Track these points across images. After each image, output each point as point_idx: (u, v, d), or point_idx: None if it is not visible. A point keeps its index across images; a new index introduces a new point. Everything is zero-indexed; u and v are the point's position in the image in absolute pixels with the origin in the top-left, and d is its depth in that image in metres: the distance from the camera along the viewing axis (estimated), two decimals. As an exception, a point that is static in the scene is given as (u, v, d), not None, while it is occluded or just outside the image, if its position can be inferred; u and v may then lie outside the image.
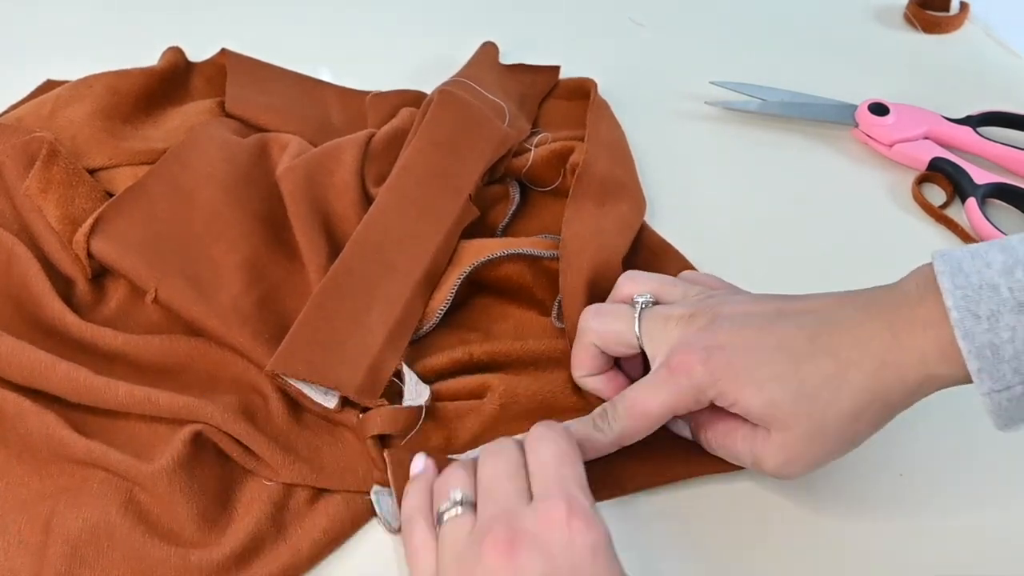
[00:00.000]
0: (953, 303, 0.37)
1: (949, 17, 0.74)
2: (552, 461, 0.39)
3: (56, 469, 0.44)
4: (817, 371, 0.39)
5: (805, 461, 0.41)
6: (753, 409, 0.40)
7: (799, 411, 0.39)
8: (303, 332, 0.47)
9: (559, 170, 0.57)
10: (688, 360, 0.41)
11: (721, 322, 0.42)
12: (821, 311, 0.41)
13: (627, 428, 0.42)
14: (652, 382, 0.43)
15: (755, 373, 0.40)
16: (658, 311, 0.44)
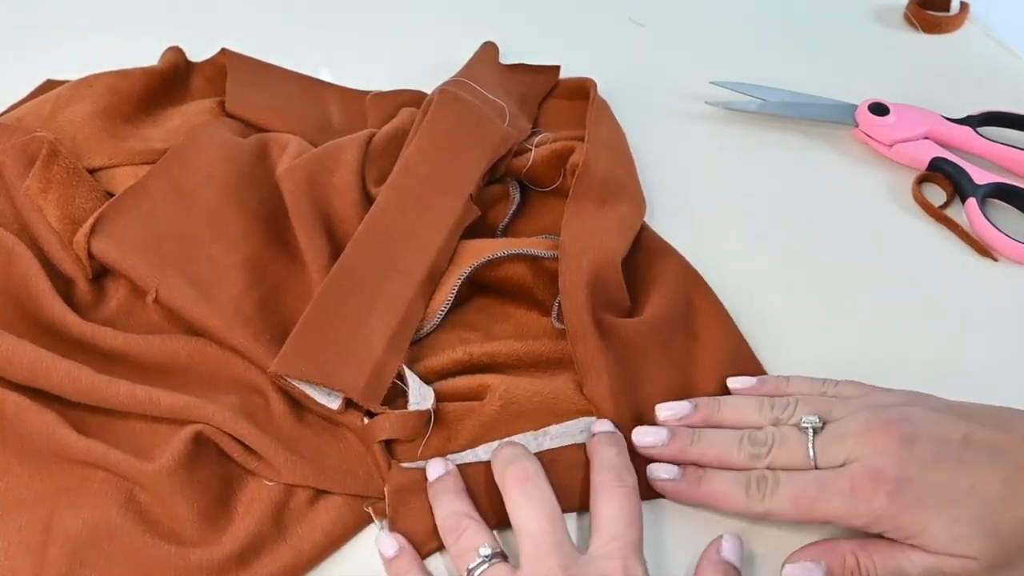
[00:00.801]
0: None
1: (949, 17, 0.74)
2: (620, 520, 0.40)
3: (56, 469, 0.44)
4: (1011, 516, 0.38)
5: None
6: (937, 546, 0.39)
7: (988, 548, 0.38)
8: (306, 333, 0.47)
9: (559, 170, 0.57)
10: (875, 487, 0.39)
11: (913, 450, 0.40)
12: (1014, 451, 0.40)
13: (779, 512, 0.41)
14: (826, 481, 0.40)
15: (944, 513, 0.39)
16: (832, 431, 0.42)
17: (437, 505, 0.43)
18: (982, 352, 0.52)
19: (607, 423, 0.45)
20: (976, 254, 0.57)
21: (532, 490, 0.41)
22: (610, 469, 0.43)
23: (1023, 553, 0.39)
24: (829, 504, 0.40)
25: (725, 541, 0.41)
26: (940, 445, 0.40)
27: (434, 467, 0.44)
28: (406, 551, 0.42)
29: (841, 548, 0.41)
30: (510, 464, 0.42)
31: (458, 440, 0.46)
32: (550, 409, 0.47)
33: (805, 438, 0.42)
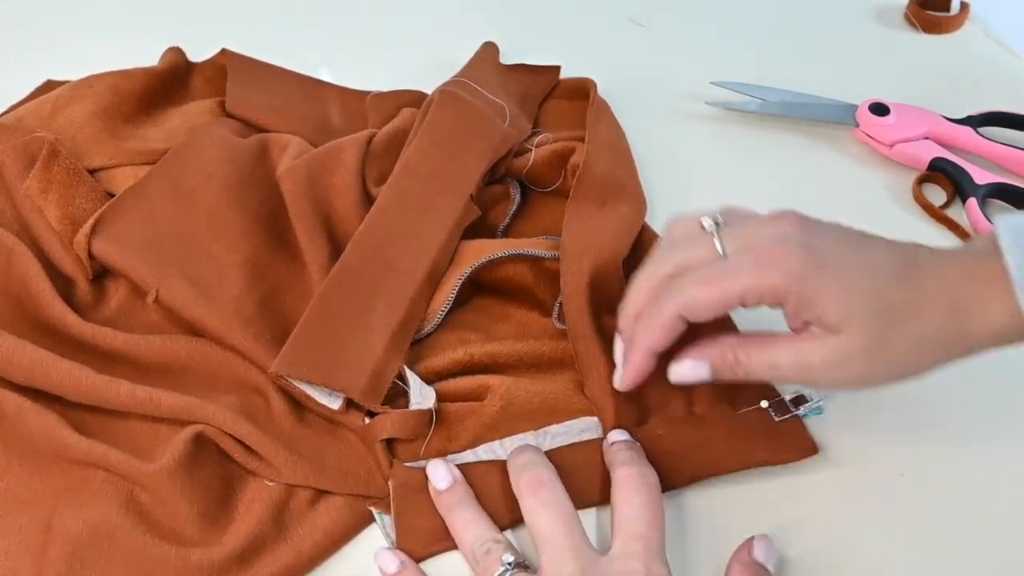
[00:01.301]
0: (1014, 262, 0.38)
1: (949, 17, 0.74)
2: (643, 518, 0.40)
3: (56, 469, 0.44)
4: (901, 294, 0.40)
5: (853, 371, 0.41)
6: (829, 310, 0.40)
7: (871, 324, 0.39)
8: (307, 334, 0.47)
9: (560, 170, 0.57)
10: (779, 250, 0.40)
11: (813, 227, 0.41)
12: (906, 247, 0.42)
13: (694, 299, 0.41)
14: (731, 263, 0.41)
15: (842, 279, 0.40)
16: (740, 224, 0.43)
17: (451, 518, 0.42)
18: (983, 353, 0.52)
19: (623, 433, 0.45)
20: (976, 254, 0.57)
21: (547, 495, 0.41)
22: (631, 465, 0.43)
23: (894, 332, 0.40)
24: (737, 276, 0.40)
25: (757, 542, 0.41)
26: (839, 231, 0.42)
27: (438, 473, 0.44)
28: (408, 566, 0.42)
29: (723, 344, 0.43)
30: (524, 471, 0.42)
31: (459, 440, 0.46)
32: (550, 409, 0.47)
33: (711, 236, 0.42)
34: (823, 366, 0.41)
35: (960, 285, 0.40)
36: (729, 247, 0.42)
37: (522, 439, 0.46)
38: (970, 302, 0.39)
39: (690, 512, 0.45)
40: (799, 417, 0.47)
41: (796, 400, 0.47)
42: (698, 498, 0.45)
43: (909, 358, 0.41)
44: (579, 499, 0.44)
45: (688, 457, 0.45)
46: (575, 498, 0.44)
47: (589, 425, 0.47)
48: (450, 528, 0.42)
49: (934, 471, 0.47)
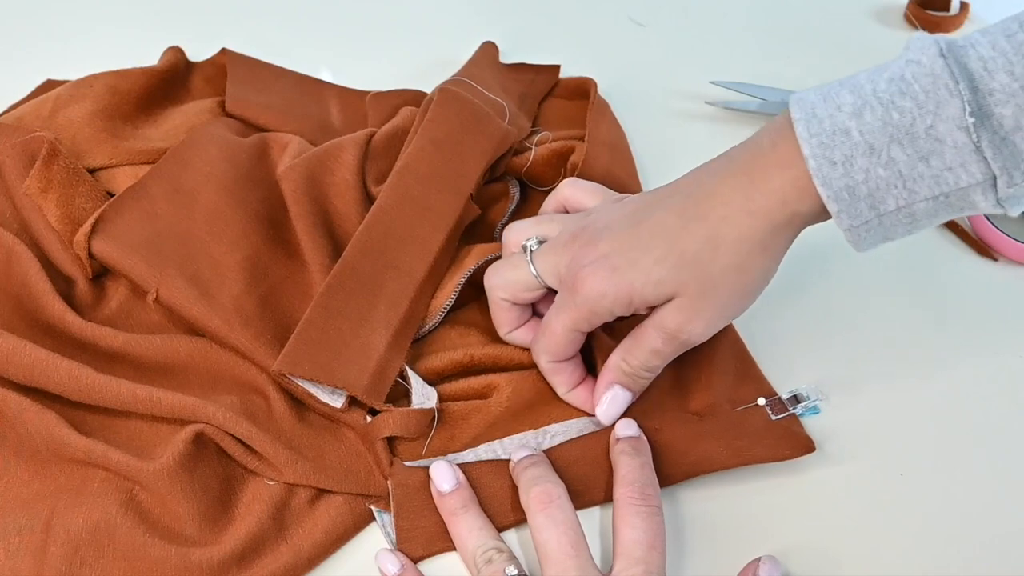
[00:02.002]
0: (810, 151, 0.39)
1: (949, 17, 0.74)
2: (643, 543, 0.40)
3: (56, 469, 0.44)
4: (692, 239, 0.42)
5: (704, 318, 0.43)
6: (648, 294, 0.42)
7: (685, 277, 0.41)
8: (309, 332, 0.47)
9: (559, 169, 0.57)
10: (581, 275, 0.43)
11: (600, 234, 0.44)
12: (685, 187, 0.43)
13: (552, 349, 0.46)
14: (558, 304, 0.45)
15: (639, 264, 0.42)
16: (546, 247, 0.46)
17: (453, 522, 0.42)
18: (982, 352, 0.52)
19: (631, 424, 0.45)
20: (976, 254, 0.57)
21: (555, 512, 0.41)
22: (633, 484, 0.42)
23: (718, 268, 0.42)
24: (562, 318, 0.44)
25: (763, 563, 0.41)
26: (623, 220, 0.44)
27: (442, 475, 0.43)
28: (408, 568, 0.42)
29: (612, 365, 0.46)
30: (534, 485, 0.42)
31: (461, 439, 0.46)
32: (551, 408, 0.47)
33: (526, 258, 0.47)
34: (678, 328, 0.43)
35: (749, 191, 0.41)
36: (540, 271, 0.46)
37: (522, 439, 0.46)
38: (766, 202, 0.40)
39: (689, 512, 0.45)
40: (796, 415, 0.47)
41: (793, 399, 0.47)
42: (697, 498, 0.45)
43: (744, 279, 0.42)
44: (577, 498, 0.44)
45: (685, 453, 0.45)
46: (572, 495, 0.44)
47: (588, 424, 0.47)
48: (452, 532, 0.42)
49: (934, 471, 0.47)
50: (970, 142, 0.37)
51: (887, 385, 0.50)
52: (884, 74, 0.39)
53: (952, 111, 0.37)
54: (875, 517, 0.45)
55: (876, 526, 0.45)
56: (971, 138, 0.36)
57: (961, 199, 0.38)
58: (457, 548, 0.42)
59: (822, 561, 0.43)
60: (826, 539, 0.44)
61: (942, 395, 0.50)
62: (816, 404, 0.47)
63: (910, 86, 0.38)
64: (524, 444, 0.46)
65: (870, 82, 0.39)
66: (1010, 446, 0.48)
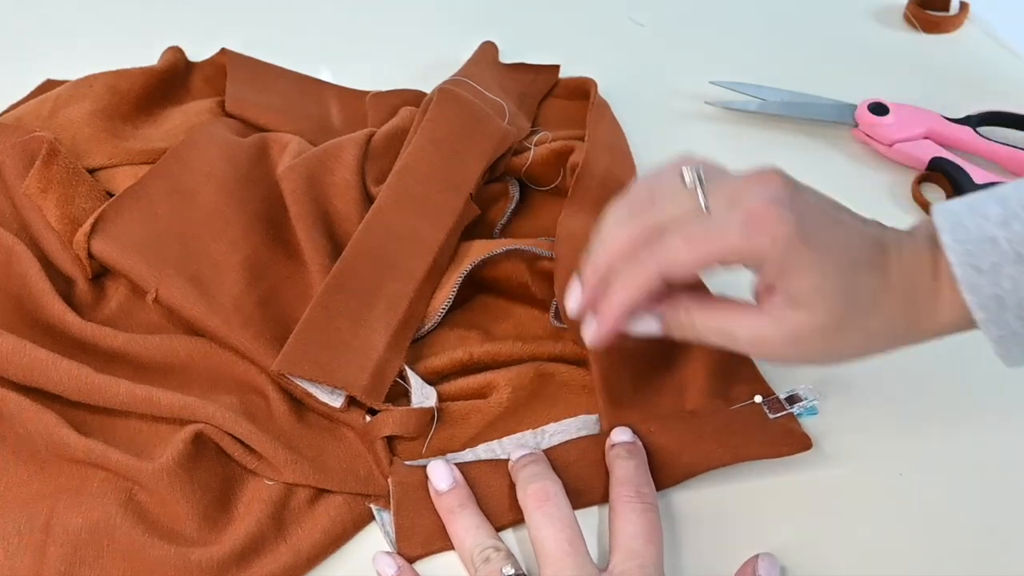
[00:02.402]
0: (956, 259, 0.38)
1: (949, 17, 0.74)
2: (639, 537, 0.41)
3: (56, 469, 0.44)
4: (867, 282, 0.39)
5: (807, 349, 0.40)
6: (801, 290, 0.39)
7: (836, 307, 0.39)
8: (308, 332, 0.47)
9: (558, 169, 0.57)
10: (775, 216, 0.38)
11: (799, 193, 0.40)
12: (879, 228, 0.41)
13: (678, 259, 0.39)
14: (720, 220, 0.39)
15: (822, 258, 0.39)
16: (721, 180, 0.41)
17: (451, 521, 0.42)
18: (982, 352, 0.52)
19: (626, 431, 0.45)
20: (976, 254, 0.57)
21: (552, 510, 0.41)
22: (628, 483, 0.43)
23: (855, 319, 0.40)
24: (725, 237, 0.38)
25: (762, 560, 0.41)
26: (820, 201, 0.41)
27: (439, 474, 0.44)
28: (405, 570, 0.42)
29: (677, 302, 0.42)
30: (531, 483, 0.42)
31: (460, 439, 0.46)
32: (551, 407, 0.47)
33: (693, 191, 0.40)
34: (779, 342, 0.40)
35: (914, 277, 0.40)
36: (713, 204, 0.40)
37: (520, 438, 0.46)
38: (923, 296, 0.40)
39: (685, 511, 0.45)
40: (793, 414, 0.47)
41: (790, 399, 0.47)
42: (694, 497, 0.45)
43: (861, 344, 0.41)
44: (576, 498, 0.44)
45: (681, 453, 0.45)
46: (571, 497, 0.44)
47: (587, 423, 0.47)
48: (449, 532, 0.42)
49: (933, 471, 0.47)
50: None
51: (886, 385, 0.50)
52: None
53: None
54: (874, 517, 0.45)
55: (875, 526, 0.45)
56: None
57: None
58: (455, 547, 0.42)
59: (821, 561, 0.43)
60: (825, 538, 0.44)
61: (941, 394, 0.50)
62: (814, 404, 0.47)
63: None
64: (523, 444, 0.46)
65: (1017, 193, 0.38)
66: (1010, 446, 0.48)
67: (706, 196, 0.40)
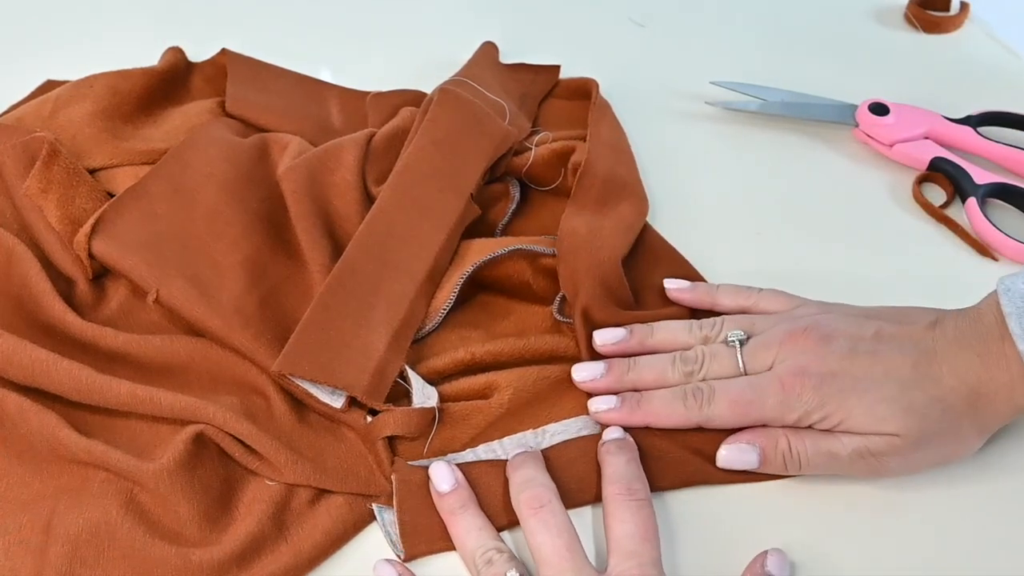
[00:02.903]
0: (1018, 334, 0.39)
1: (949, 17, 0.74)
2: (635, 535, 0.41)
3: (57, 469, 0.44)
4: (923, 394, 0.42)
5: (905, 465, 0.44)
6: (863, 426, 0.42)
7: (907, 421, 0.42)
8: (309, 332, 0.47)
9: (559, 170, 0.57)
10: (801, 382, 0.43)
11: (831, 347, 0.44)
12: (919, 340, 0.43)
13: (718, 418, 0.44)
14: (760, 384, 0.44)
15: (864, 398, 0.42)
16: (760, 343, 0.45)
17: (453, 522, 0.42)
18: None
19: (617, 429, 0.45)
20: (976, 254, 0.57)
21: (547, 516, 0.41)
22: (620, 481, 0.43)
23: (938, 428, 0.42)
24: (764, 405, 0.43)
25: (771, 556, 0.41)
26: (854, 342, 0.44)
27: (441, 475, 0.43)
28: None
29: (775, 432, 0.44)
30: (524, 489, 0.42)
31: (461, 439, 0.46)
32: (552, 406, 0.47)
33: (734, 351, 0.46)
34: (883, 455, 0.43)
35: (976, 372, 0.42)
36: (750, 365, 0.45)
37: (521, 438, 0.46)
38: (991, 387, 0.41)
39: (682, 512, 0.45)
40: None
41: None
42: (691, 498, 0.45)
43: (956, 440, 0.43)
44: (575, 496, 0.44)
45: (683, 462, 0.45)
46: (571, 495, 0.44)
47: (587, 423, 0.47)
48: (451, 533, 0.42)
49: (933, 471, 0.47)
50: None
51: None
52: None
53: None
54: (874, 517, 0.45)
55: (875, 526, 0.45)
56: None
57: None
58: (457, 548, 0.42)
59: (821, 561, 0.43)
60: (824, 538, 0.44)
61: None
62: None
63: None
64: (523, 444, 0.46)
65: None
66: (1010, 446, 0.48)
67: (743, 361, 0.45)
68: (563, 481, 0.44)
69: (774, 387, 0.43)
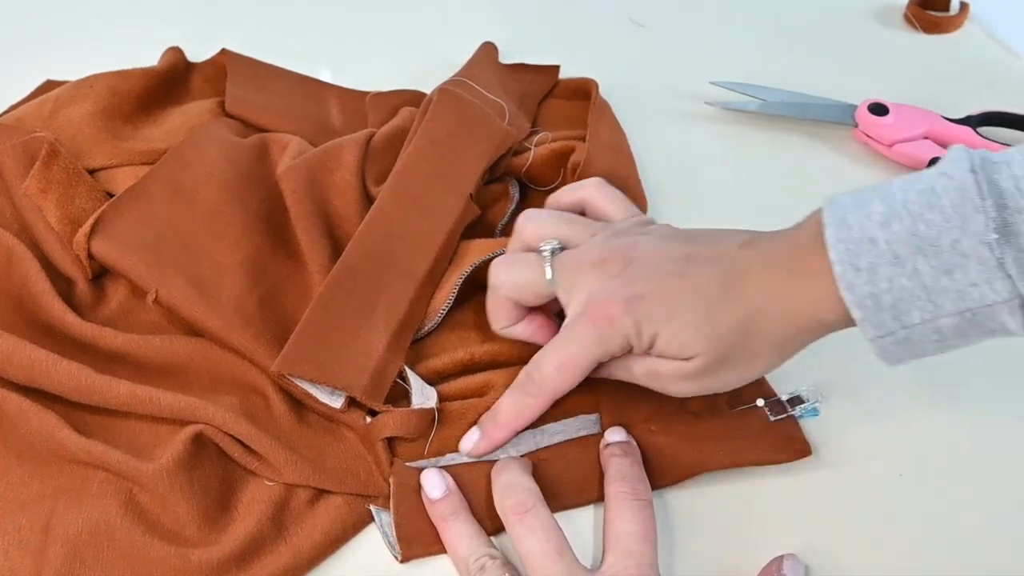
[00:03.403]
0: (836, 257, 0.39)
1: (949, 17, 0.74)
2: (635, 535, 0.41)
3: (56, 469, 0.44)
4: (729, 316, 0.41)
5: (700, 384, 0.43)
6: (669, 351, 0.42)
7: (708, 349, 0.42)
8: (308, 332, 0.47)
9: (559, 170, 0.57)
10: (610, 311, 0.42)
11: (636, 268, 0.43)
12: (730, 258, 0.43)
13: (559, 386, 0.44)
14: (576, 335, 0.44)
15: (673, 320, 0.42)
16: (569, 257, 0.45)
17: (445, 529, 0.42)
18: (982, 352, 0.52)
19: (620, 431, 0.45)
20: (976, 254, 0.57)
21: (533, 521, 0.41)
22: (624, 480, 0.43)
23: (736, 352, 0.42)
24: (585, 350, 0.43)
25: (787, 560, 0.41)
26: (663, 263, 0.43)
27: (432, 482, 0.43)
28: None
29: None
30: (508, 495, 0.42)
31: (458, 437, 0.46)
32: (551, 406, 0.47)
33: (543, 260, 0.46)
34: (671, 378, 0.43)
35: (787, 289, 0.41)
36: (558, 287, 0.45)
37: (520, 437, 0.46)
38: (799, 304, 0.41)
39: (682, 513, 0.45)
40: (794, 417, 0.47)
41: (792, 400, 0.47)
42: (690, 499, 0.45)
43: (751, 364, 0.43)
44: (574, 497, 0.44)
45: (680, 454, 0.45)
46: (570, 496, 0.44)
47: (587, 423, 0.47)
48: (443, 539, 0.42)
49: (933, 471, 0.47)
50: (993, 258, 0.36)
51: (887, 385, 0.50)
52: (916, 185, 0.39)
53: (977, 226, 0.36)
54: (874, 517, 0.45)
55: (875, 526, 0.45)
56: (994, 255, 0.36)
57: (988, 318, 0.38)
58: (449, 555, 0.42)
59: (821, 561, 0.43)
60: (824, 538, 0.44)
61: (942, 396, 0.50)
62: (815, 406, 0.47)
63: (939, 199, 0.37)
64: (522, 443, 0.46)
65: (902, 191, 0.39)
66: (1010, 447, 0.48)
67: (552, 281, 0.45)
68: (563, 482, 0.44)
69: (586, 326, 0.43)
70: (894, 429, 0.48)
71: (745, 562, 0.42)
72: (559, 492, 0.44)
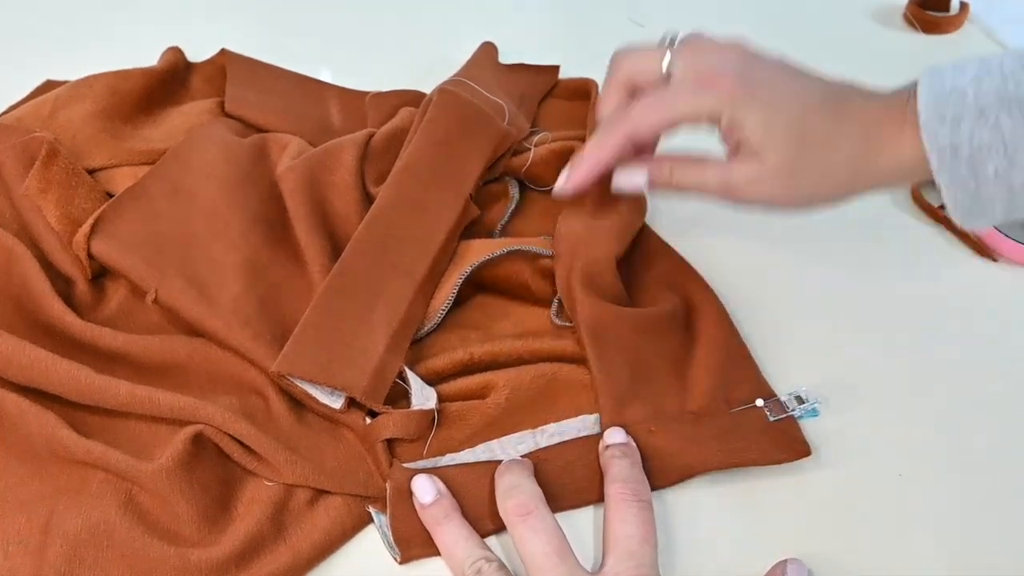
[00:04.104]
0: (923, 104, 0.42)
1: (949, 17, 0.74)
2: (635, 536, 0.41)
3: (56, 469, 0.44)
4: (820, 124, 0.44)
5: (769, 189, 0.46)
6: (753, 136, 0.44)
7: (788, 148, 0.44)
8: (308, 333, 0.47)
9: (558, 170, 0.57)
10: (718, 79, 0.45)
11: (757, 59, 0.46)
12: (838, 85, 0.46)
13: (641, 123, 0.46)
14: (675, 87, 0.46)
15: (768, 108, 0.44)
16: (692, 39, 0.48)
17: (438, 532, 0.42)
18: (982, 352, 0.52)
19: (620, 432, 0.45)
20: (976, 254, 0.57)
21: (535, 523, 0.41)
22: (624, 482, 0.43)
23: (812, 163, 0.45)
24: (677, 101, 0.46)
25: (790, 565, 0.41)
26: (781, 65, 0.47)
27: (422, 487, 0.43)
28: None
29: (660, 160, 0.48)
30: (510, 496, 0.42)
31: (458, 439, 0.46)
32: (550, 406, 0.47)
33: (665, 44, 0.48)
34: (744, 183, 0.46)
35: (876, 122, 0.44)
36: (675, 66, 0.47)
37: (520, 438, 0.46)
38: (882, 139, 0.43)
39: (681, 514, 0.45)
40: (794, 417, 0.47)
41: (791, 400, 0.47)
42: (690, 500, 0.45)
43: (819, 182, 0.45)
44: (575, 497, 0.44)
45: (679, 454, 0.45)
46: (569, 497, 0.44)
47: (587, 423, 0.47)
48: (437, 542, 0.42)
49: (933, 471, 0.47)
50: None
51: (887, 386, 0.50)
52: (1016, 52, 0.41)
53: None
54: (874, 517, 0.45)
55: (875, 526, 0.45)
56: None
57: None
58: (444, 559, 0.42)
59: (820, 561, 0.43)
60: (824, 539, 0.44)
61: (942, 396, 0.50)
62: (815, 406, 0.47)
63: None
64: (522, 443, 0.46)
65: (1000, 57, 0.41)
66: (1010, 447, 0.48)
67: (671, 58, 0.47)
68: (562, 483, 0.44)
69: (686, 84, 0.46)
70: (894, 429, 0.48)
71: (745, 562, 0.42)
72: (558, 493, 0.44)
